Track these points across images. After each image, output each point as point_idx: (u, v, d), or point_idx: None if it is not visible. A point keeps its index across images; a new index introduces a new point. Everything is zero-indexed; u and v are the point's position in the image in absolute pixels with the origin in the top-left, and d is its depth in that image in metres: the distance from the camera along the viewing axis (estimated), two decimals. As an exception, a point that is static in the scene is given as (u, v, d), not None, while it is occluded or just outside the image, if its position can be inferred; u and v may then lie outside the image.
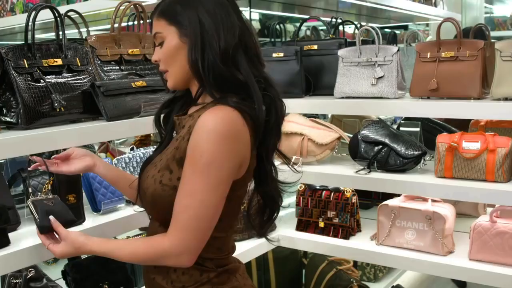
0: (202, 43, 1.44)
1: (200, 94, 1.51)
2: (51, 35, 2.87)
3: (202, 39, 1.44)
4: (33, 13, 1.90)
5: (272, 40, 3.48)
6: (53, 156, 1.78)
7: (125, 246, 1.53)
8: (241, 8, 1.57)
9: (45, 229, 1.58)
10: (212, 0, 1.49)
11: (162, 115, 1.66)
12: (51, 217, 1.57)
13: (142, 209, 1.70)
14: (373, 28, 2.57)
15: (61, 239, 1.55)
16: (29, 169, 1.81)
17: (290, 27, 4.29)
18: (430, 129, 2.83)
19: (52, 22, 2.06)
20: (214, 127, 1.38)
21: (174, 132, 1.59)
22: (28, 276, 1.96)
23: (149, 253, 1.47)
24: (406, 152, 2.45)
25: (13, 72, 1.83)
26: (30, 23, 1.89)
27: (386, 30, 4.68)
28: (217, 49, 1.43)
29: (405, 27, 5.62)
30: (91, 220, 2.01)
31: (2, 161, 2.30)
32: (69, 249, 1.54)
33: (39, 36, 3.58)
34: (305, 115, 2.90)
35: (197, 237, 1.43)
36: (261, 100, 1.46)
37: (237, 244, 1.62)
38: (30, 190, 1.95)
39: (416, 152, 2.45)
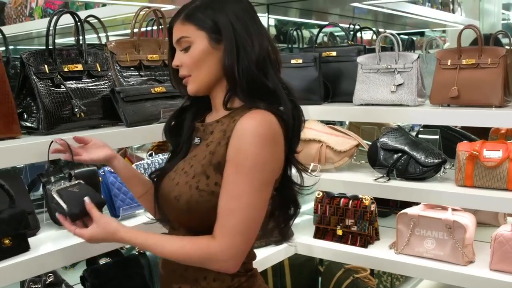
0: (237, 48, 1.45)
1: (229, 100, 1.50)
2: (68, 40, 2.88)
3: (237, 44, 1.45)
4: (55, 18, 1.91)
5: (289, 46, 3.47)
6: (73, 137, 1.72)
7: (167, 242, 1.47)
8: (259, 14, 1.58)
9: (75, 216, 1.52)
10: (239, 6, 1.50)
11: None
12: (86, 199, 1.52)
13: (151, 217, 1.70)
14: (392, 35, 2.55)
15: (94, 221, 1.50)
16: (50, 153, 1.70)
17: (305, 33, 4.27)
18: (449, 136, 2.80)
19: (69, 27, 2.07)
20: (257, 130, 1.39)
21: (197, 138, 1.56)
22: (47, 282, 1.96)
23: (195, 254, 1.43)
24: (426, 160, 2.43)
25: (34, 77, 1.84)
26: (51, 28, 1.89)
27: (403, 36, 4.66)
28: (251, 55, 1.45)
29: (422, 34, 5.58)
30: (110, 226, 2.00)
31: (22, 165, 2.31)
32: (100, 233, 1.49)
33: (57, 41, 3.61)
34: (323, 121, 2.89)
35: (246, 241, 1.43)
36: (289, 106, 1.48)
37: (255, 251, 1.61)
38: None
39: (436, 160, 2.42)
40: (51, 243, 1.87)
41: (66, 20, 1.99)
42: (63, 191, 1.56)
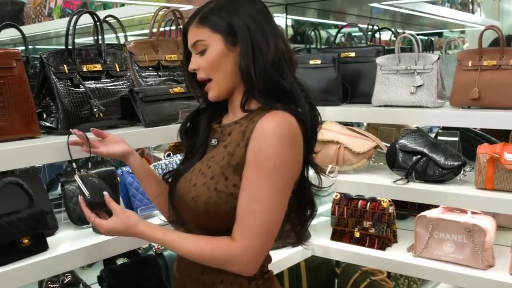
0: (253, 49, 1.45)
1: (246, 101, 1.50)
2: (86, 40, 2.89)
3: (252, 45, 1.45)
4: (74, 18, 1.91)
5: (307, 46, 3.45)
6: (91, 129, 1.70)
7: (186, 240, 1.46)
8: (277, 14, 1.59)
9: (95, 205, 1.52)
10: (254, 7, 1.50)
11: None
12: (105, 193, 1.52)
13: (164, 219, 1.71)
14: (412, 35, 2.53)
15: (114, 213, 1.49)
16: (69, 145, 1.67)
17: (322, 33, 4.25)
18: (469, 139, 2.77)
19: (87, 27, 2.07)
20: (277, 131, 1.39)
21: (215, 140, 1.56)
22: (65, 281, 1.97)
23: (214, 254, 1.42)
24: (446, 163, 2.40)
25: (54, 77, 1.85)
26: (71, 28, 1.89)
27: (421, 37, 4.62)
28: (266, 55, 1.45)
29: (440, 34, 5.54)
30: (128, 226, 2.00)
31: (40, 165, 2.32)
32: (119, 225, 1.48)
33: (75, 40, 3.62)
34: (341, 123, 2.87)
35: (265, 243, 1.43)
36: (306, 107, 1.48)
37: (271, 253, 1.60)
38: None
39: (456, 163, 2.39)
40: (69, 243, 1.88)
41: (85, 20, 1.99)
42: (85, 178, 1.56)
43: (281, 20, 3.38)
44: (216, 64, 1.48)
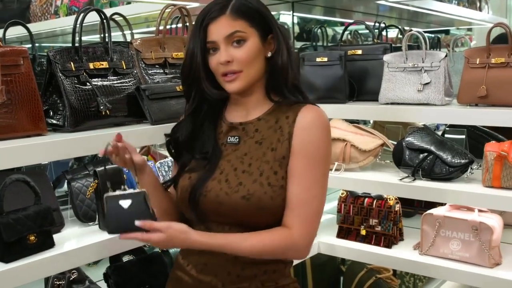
0: (286, 44, 1.54)
1: (269, 95, 1.58)
2: (92, 37, 2.89)
3: (285, 40, 1.54)
4: (81, 15, 1.91)
5: (314, 44, 3.44)
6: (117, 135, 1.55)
7: (247, 238, 1.47)
8: (283, 12, 1.64)
9: (115, 233, 1.42)
10: (266, 7, 1.57)
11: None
12: (137, 223, 1.37)
13: None
14: (419, 33, 2.52)
15: (162, 231, 1.40)
16: (99, 155, 1.53)
17: (329, 31, 4.25)
18: (476, 136, 2.76)
19: (93, 25, 2.07)
20: (322, 123, 1.52)
21: (234, 137, 1.57)
22: (71, 278, 1.97)
23: (276, 245, 1.47)
24: (453, 160, 2.39)
25: (60, 74, 1.85)
26: (78, 26, 1.90)
27: (429, 34, 4.60)
28: (292, 53, 1.56)
29: (447, 32, 5.52)
30: (134, 224, 2.01)
31: (47, 163, 2.32)
32: (169, 240, 1.41)
33: (82, 38, 3.63)
34: (348, 120, 2.86)
35: (317, 227, 1.53)
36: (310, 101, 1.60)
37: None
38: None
39: (463, 161, 2.38)
40: (75, 240, 1.89)
41: (91, 18, 2.00)
42: (112, 201, 1.41)
43: (287, 17, 3.37)
44: (253, 58, 1.51)
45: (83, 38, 1.93)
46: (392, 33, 3.93)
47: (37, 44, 2.27)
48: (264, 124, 1.55)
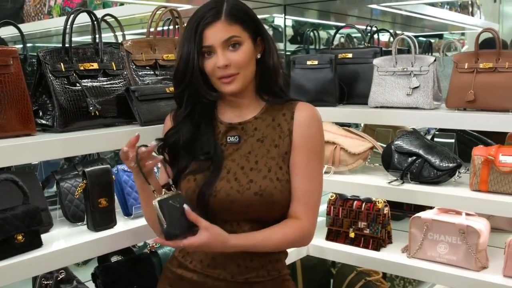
0: (274, 48, 1.61)
1: (260, 95, 1.66)
2: (86, 38, 2.90)
3: (274, 45, 1.62)
4: (71, 17, 1.93)
5: (306, 47, 3.46)
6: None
7: (271, 234, 1.57)
8: (276, 15, 1.68)
9: (173, 237, 1.43)
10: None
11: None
12: (186, 207, 1.43)
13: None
14: (409, 37, 2.53)
15: (204, 228, 1.44)
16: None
17: (323, 34, 4.26)
18: (465, 141, 2.77)
19: (87, 26, 2.08)
20: (318, 118, 1.64)
21: (234, 137, 1.64)
22: (59, 278, 1.98)
23: (294, 236, 1.60)
24: (441, 164, 2.41)
25: (50, 75, 1.86)
26: (68, 27, 1.91)
27: (421, 38, 4.62)
28: (278, 54, 1.64)
29: (440, 36, 5.54)
30: (122, 224, 2.02)
31: (36, 162, 2.33)
32: (213, 241, 1.45)
33: (75, 39, 3.63)
34: (339, 123, 2.87)
35: (318, 214, 1.68)
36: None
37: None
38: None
39: (451, 164, 2.40)
40: (63, 240, 1.89)
41: (85, 18, 2.01)
42: (164, 204, 1.44)
43: (279, 20, 3.39)
44: (248, 60, 1.58)
45: (77, 39, 1.95)
46: (385, 37, 3.95)
47: (31, 44, 2.29)
48: (262, 123, 1.64)
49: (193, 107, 1.65)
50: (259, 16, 1.64)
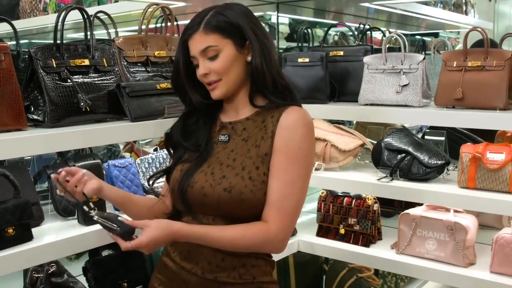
0: (262, 49, 1.59)
1: (252, 98, 1.64)
2: (81, 35, 2.92)
3: (261, 45, 1.59)
4: (63, 13, 1.95)
5: (299, 45, 3.48)
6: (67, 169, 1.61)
7: (228, 230, 1.54)
8: (269, 13, 1.68)
9: (128, 234, 1.45)
10: (247, 11, 1.65)
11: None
12: (122, 218, 1.47)
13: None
14: (399, 35, 2.56)
15: (145, 227, 1.46)
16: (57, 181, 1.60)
17: (320, 32, 4.28)
18: (456, 138, 2.80)
19: (82, 22, 2.11)
20: (304, 122, 1.59)
21: (224, 136, 1.66)
22: (50, 271, 2.00)
23: (256, 239, 1.54)
24: (430, 161, 2.43)
25: (42, 71, 1.88)
26: (59, 23, 1.93)
27: (417, 37, 4.64)
28: (272, 54, 1.61)
29: (436, 35, 5.56)
30: (113, 219, 2.04)
31: (29, 157, 2.35)
32: (157, 233, 1.46)
33: (71, 35, 3.65)
34: (330, 121, 2.90)
35: (294, 222, 1.61)
36: (300, 103, 1.67)
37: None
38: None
39: (439, 162, 2.43)
40: (54, 233, 1.92)
41: (80, 15, 2.04)
42: (103, 215, 1.49)
43: (272, 18, 3.41)
44: (229, 67, 1.59)
45: (73, 36, 1.97)
46: (379, 35, 3.97)
47: (27, 41, 2.31)
48: (252, 124, 1.64)
49: (194, 106, 1.70)
50: (255, 14, 1.66)
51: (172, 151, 1.76)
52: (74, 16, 2.03)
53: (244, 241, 1.53)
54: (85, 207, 1.53)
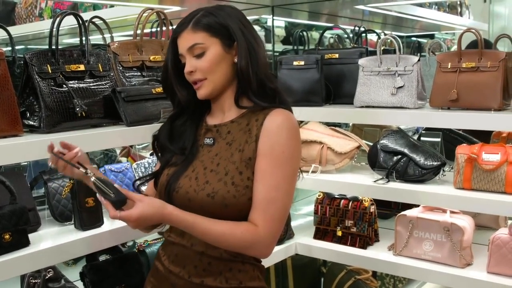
0: (249, 51, 1.58)
1: (238, 99, 1.63)
2: (76, 40, 2.93)
3: (248, 48, 1.58)
4: (58, 19, 1.96)
5: (295, 47, 3.49)
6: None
7: (218, 223, 1.52)
8: (264, 16, 1.67)
9: (121, 203, 1.43)
10: (238, 13, 1.64)
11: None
12: (118, 186, 1.44)
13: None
14: (394, 37, 2.57)
15: (138, 200, 1.46)
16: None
17: (315, 35, 4.29)
18: (451, 139, 2.81)
19: (77, 28, 2.11)
20: (288, 126, 1.56)
21: (209, 139, 1.65)
22: (47, 277, 1.99)
23: (244, 238, 1.52)
24: (425, 163, 2.44)
25: (37, 77, 1.89)
26: (54, 29, 1.94)
27: (412, 39, 4.65)
28: (260, 56, 1.60)
29: (431, 36, 5.57)
30: (109, 224, 2.04)
31: (25, 163, 2.36)
32: (149, 209, 1.45)
33: (67, 41, 3.65)
34: (326, 123, 2.90)
35: (281, 226, 1.58)
36: (289, 106, 1.65)
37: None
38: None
39: (435, 163, 2.43)
40: (51, 239, 1.92)
41: (75, 20, 2.04)
42: (101, 180, 1.46)
43: (268, 21, 3.42)
44: (215, 66, 1.59)
45: (69, 41, 1.97)
46: (375, 37, 3.98)
47: (23, 46, 2.31)
48: (237, 127, 1.62)
49: (183, 107, 1.70)
50: (250, 17, 1.67)
51: (159, 153, 1.75)
52: (70, 21, 2.04)
53: (232, 238, 1.51)
54: (81, 169, 1.52)
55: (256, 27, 3.69)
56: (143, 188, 1.87)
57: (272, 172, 1.53)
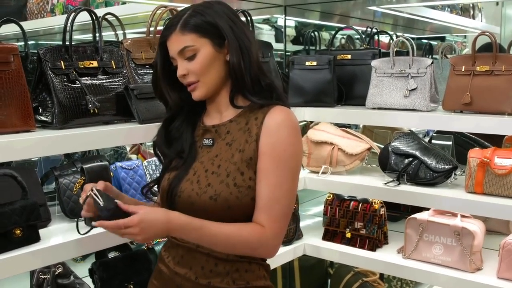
0: (240, 48, 1.54)
1: (233, 98, 1.60)
2: (88, 36, 2.93)
3: (239, 45, 1.54)
4: (72, 15, 1.96)
5: (306, 48, 3.48)
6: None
7: (225, 225, 1.50)
8: (276, 16, 1.64)
9: (110, 212, 1.41)
10: (227, 9, 1.60)
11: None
12: (117, 201, 1.44)
13: None
14: (407, 39, 2.55)
15: (138, 209, 1.43)
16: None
17: (326, 35, 4.28)
18: (463, 143, 2.79)
19: (89, 24, 2.11)
20: (289, 123, 1.54)
21: (208, 140, 1.62)
22: (56, 273, 2.00)
23: (251, 239, 1.51)
24: (437, 166, 2.43)
25: (50, 72, 1.89)
26: (68, 25, 1.94)
27: (423, 41, 4.63)
28: (252, 54, 1.56)
29: (442, 39, 5.55)
30: (120, 221, 2.04)
31: (36, 159, 2.36)
32: (149, 214, 1.43)
33: (77, 37, 3.65)
34: (337, 124, 2.89)
35: (286, 225, 1.57)
36: (287, 102, 1.63)
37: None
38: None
39: (447, 166, 2.42)
40: (61, 235, 1.92)
41: (87, 17, 2.04)
42: (100, 192, 1.46)
43: (280, 21, 3.41)
44: (207, 67, 1.55)
45: (79, 37, 1.97)
46: (388, 38, 3.96)
47: (34, 42, 2.30)
48: (236, 126, 1.60)
49: (177, 109, 1.67)
50: (261, 17, 1.64)
51: (160, 155, 1.73)
52: (82, 17, 2.03)
53: (240, 239, 1.50)
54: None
55: (266, 27, 3.69)
56: (155, 198, 1.83)
57: (274, 171, 1.52)
